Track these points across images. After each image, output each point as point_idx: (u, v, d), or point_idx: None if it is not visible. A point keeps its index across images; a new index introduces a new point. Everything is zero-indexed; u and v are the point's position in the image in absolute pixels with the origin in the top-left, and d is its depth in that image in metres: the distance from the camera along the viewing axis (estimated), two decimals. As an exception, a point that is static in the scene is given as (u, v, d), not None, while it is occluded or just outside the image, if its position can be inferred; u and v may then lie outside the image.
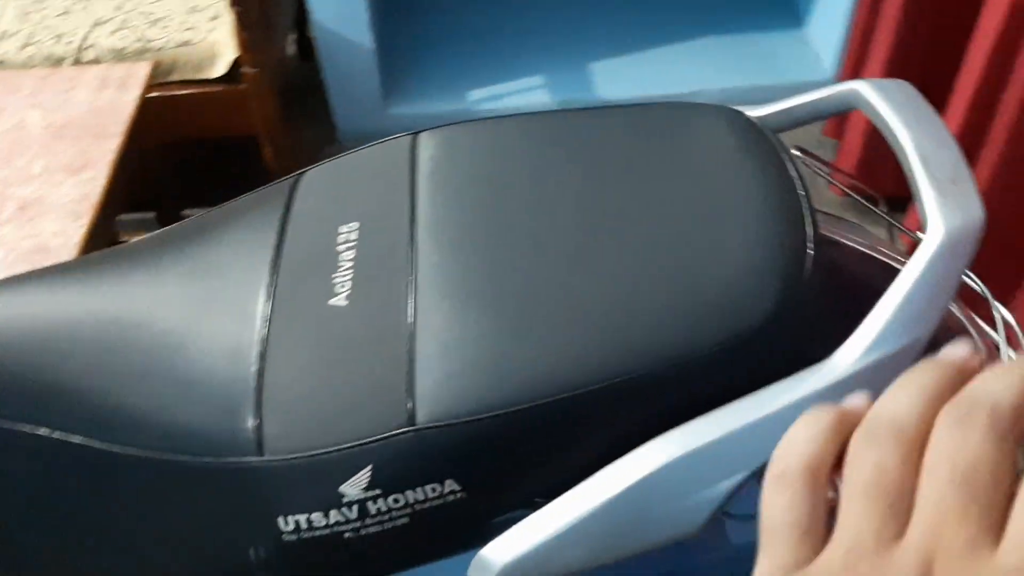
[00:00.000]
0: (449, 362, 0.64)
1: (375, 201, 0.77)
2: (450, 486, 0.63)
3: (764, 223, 0.68)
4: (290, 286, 0.72)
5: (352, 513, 0.63)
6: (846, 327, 0.66)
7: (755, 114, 0.82)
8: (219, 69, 1.68)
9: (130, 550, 0.70)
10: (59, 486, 0.69)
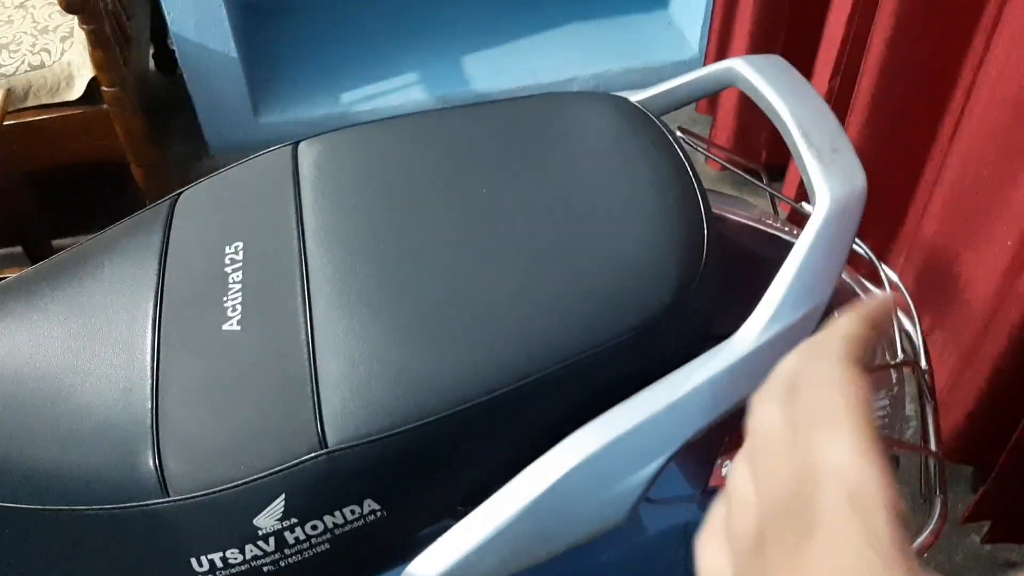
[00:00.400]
0: (354, 379, 0.62)
1: (259, 217, 0.74)
2: (369, 506, 0.61)
3: (659, 209, 0.69)
4: (178, 315, 0.68)
5: (269, 546, 0.61)
6: (739, 299, 0.67)
7: (637, 99, 0.82)
8: (77, 91, 1.60)
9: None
10: None
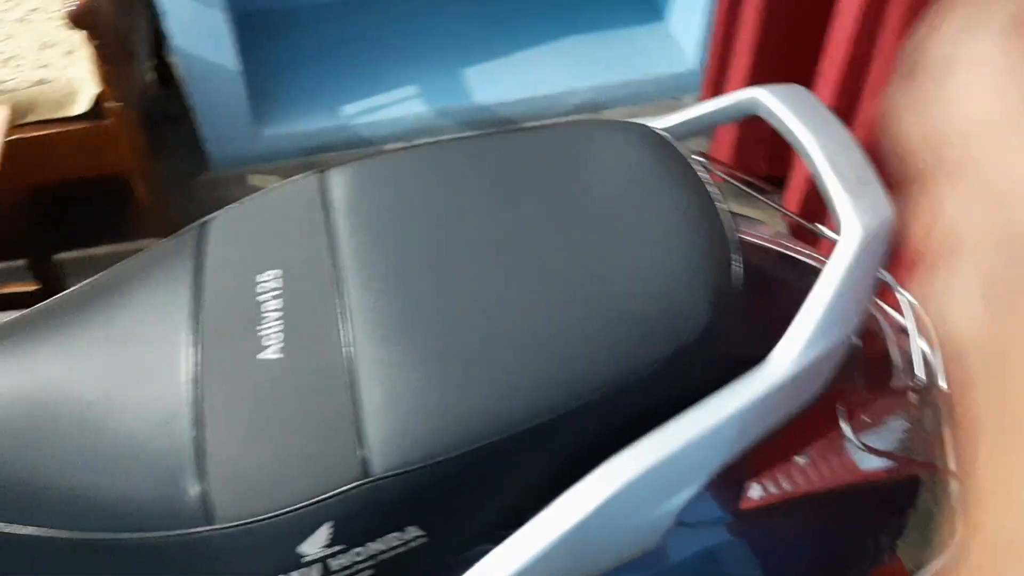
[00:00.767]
0: (397, 408, 0.63)
1: (291, 245, 0.75)
2: (412, 532, 0.62)
3: (689, 237, 0.70)
4: (215, 344, 0.69)
5: (314, 572, 0.62)
6: (759, 321, 0.68)
7: (658, 126, 0.83)
8: (81, 106, 1.59)
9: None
10: None
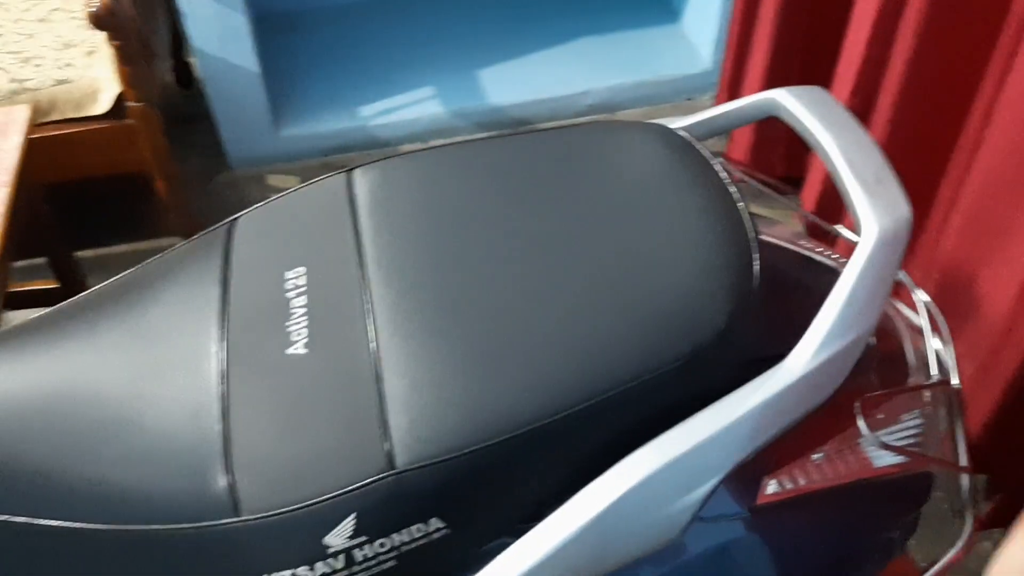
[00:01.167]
0: (421, 402, 0.64)
1: (318, 243, 0.76)
2: (435, 524, 0.63)
3: (710, 237, 0.71)
4: (242, 339, 0.70)
5: (339, 563, 0.63)
6: (779, 321, 0.69)
7: (679, 126, 0.84)
8: (102, 106, 1.61)
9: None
10: (30, 571, 0.66)
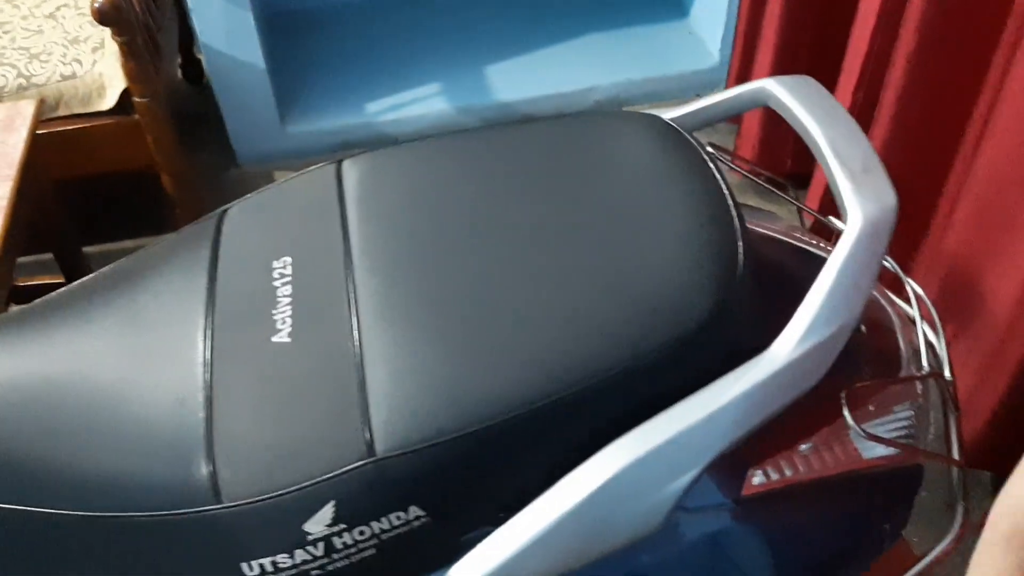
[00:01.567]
0: (402, 389, 0.64)
1: (306, 233, 0.76)
2: (414, 512, 0.63)
3: (695, 225, 0.71)
4: (229, 328, 0.71)
5: (318, 550, 0.63)
6: (770, 312, 0.69)
7: (670, 116, 0.84)
8: (109, 101, 1.62)
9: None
10: (12, 557, 0.67)
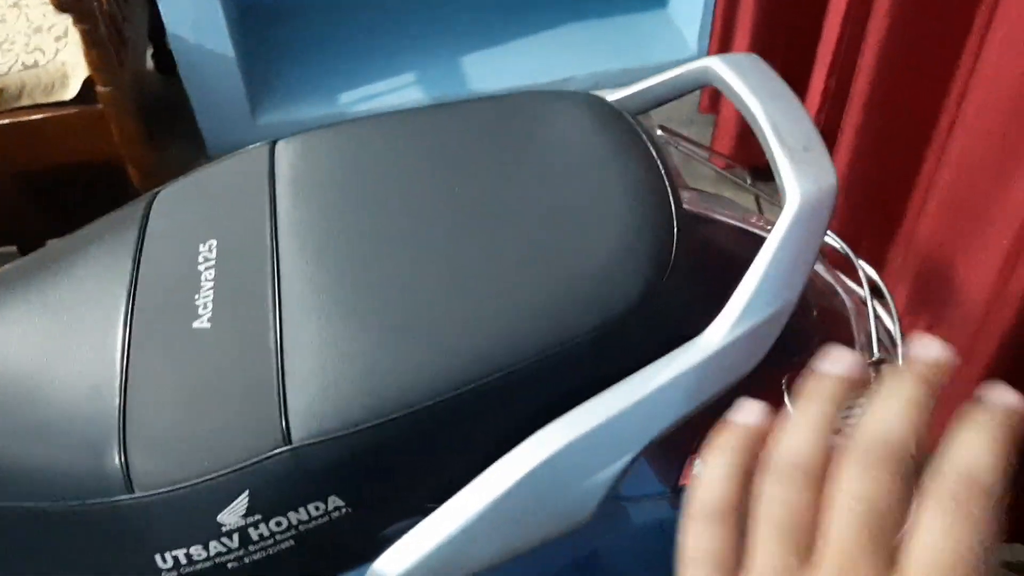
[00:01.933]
0: (321, 377, 0.62)
1: (233, 215, 0.74)
2: (334, 503, 0.61)
3: (628, 207, 0.69)
4: (150, 313, 0.68)
5: (233, 542, 0.61)
6: (713, 298, 0.67)
7: (613, 97, 0.82)
8: (71, 91, 1.60)
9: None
10: None
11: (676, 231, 0.68)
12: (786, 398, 0.67)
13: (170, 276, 0.71)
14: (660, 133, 0.87)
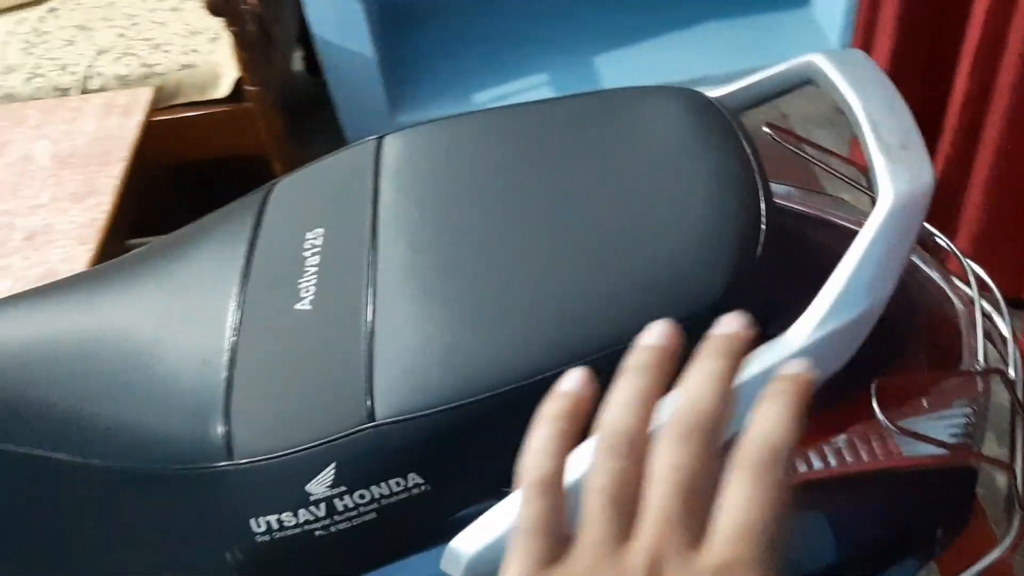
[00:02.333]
0: (406, 359, 0.65)
1: (340, 206, 0.78)
2: (413, 480, 0.64)
3: (715, 202, 0.68)
4: (259, 294, 0.73)
5: (320, 511, 0.64)
6: (797, 296, 0.66)
7: (715, 94, 0.82)
8: (223, 90, 1.71)
9: (107, 561, 0.71)
10: (34, 502, 0.71)
11: (763, 227, 0.67)
12: (874, 403, 0.66)
13: (279, 261, 0.75)
14: (765, 130, 0.86)
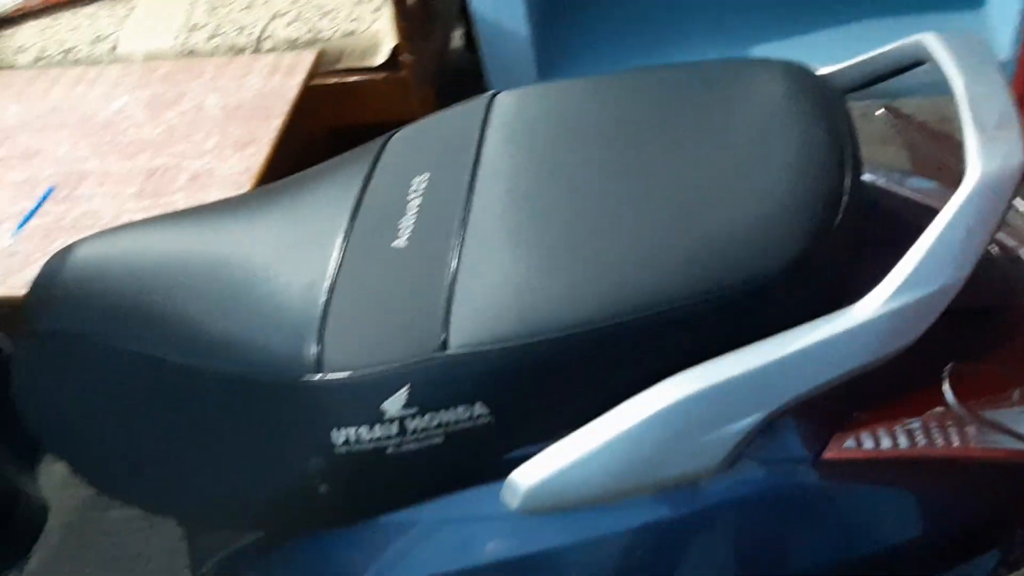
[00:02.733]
0: (484, 295, 0.69)
1: (446, 154, 0.83)
2: (480, 409, 0.68)
3: (799, 169, 0.69)
4: (363, 230, 0.79)
5: (393, 429, 0.69)
6: (875, 269, 0.66)
7: (825, 71, 0.82)
8: (380, 57, 1.79)
9: (208, 461, 0.79)
10: (151, 401, 0.79)
11: (845, 198, 0.67)
12: (945, 386, 0.65)
13: (385, 202, 0.81)
14: (881, 112, 0.85)
